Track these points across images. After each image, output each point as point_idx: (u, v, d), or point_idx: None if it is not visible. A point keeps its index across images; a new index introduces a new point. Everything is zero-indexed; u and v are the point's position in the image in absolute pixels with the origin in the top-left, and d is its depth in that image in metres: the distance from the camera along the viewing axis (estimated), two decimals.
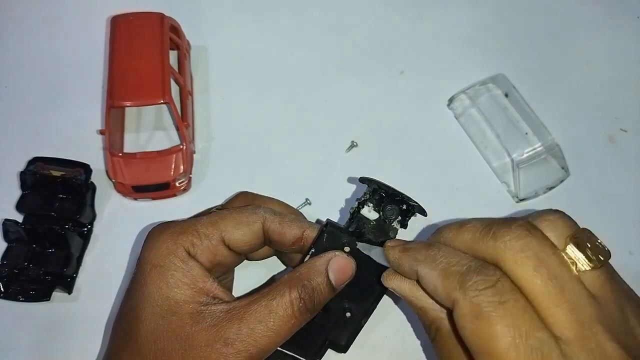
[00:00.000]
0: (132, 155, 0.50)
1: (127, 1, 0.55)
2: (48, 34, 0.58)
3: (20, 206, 0.48)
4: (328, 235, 0.37)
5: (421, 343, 0.46)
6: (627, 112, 0.57)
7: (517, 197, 0.52)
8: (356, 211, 0.38)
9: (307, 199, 0.51)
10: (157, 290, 0.34)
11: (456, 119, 0.56)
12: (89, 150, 0.51)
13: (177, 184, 0.49)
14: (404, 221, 0.38)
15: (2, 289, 0.45)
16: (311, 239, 0.38)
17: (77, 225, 0.48)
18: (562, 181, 0.52)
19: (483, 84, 0.55)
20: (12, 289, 0.45)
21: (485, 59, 0.58)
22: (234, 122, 0.54)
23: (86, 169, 0.49)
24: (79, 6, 0.60)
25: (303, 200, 0.51)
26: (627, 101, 0.57)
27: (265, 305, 0.33)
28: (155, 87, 0.48)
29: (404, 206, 0.38)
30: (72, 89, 0.55)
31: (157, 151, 0.50)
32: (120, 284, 0.47)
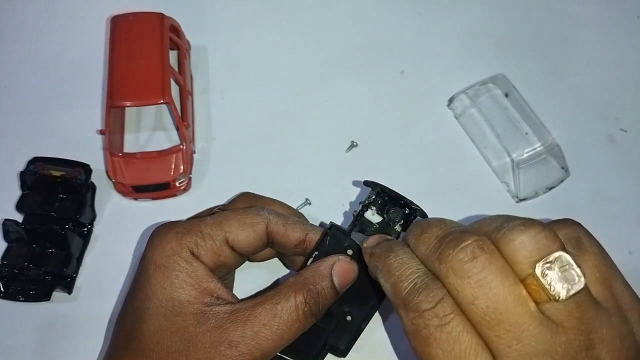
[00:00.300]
0: (132, 155, 0.50)
1: (127, 1, 0.55)
2: (48, 34, 0.58)
3: (20, 206, 0.47)
4: (331, 238, 0.37)
5: None
6: (627, 112, 0.57)
7: (517, 197, 0.52)
8: (360, 214, 0.38)
9: (307, 199, 0.51)
10: (161, 290, 0.34)
11: (456, 119, 0.56)
12: (89, 150, 0.51)
13: (177, 184, 0.49)
14: (406, 224, 0.38)
15: (2, 289, 0.45)
16: (314, 242, 0.38)
17: (77, 225, 0.48)
18: (562, 181, 0.52)
19: (483, 84, 0.55)
20: (12, 289, 0.45)
21: (485, 59, 0.58)
22: (234, 122, 0.54)
23: (86, 169, 0.49)
24: (79, 6, 0.59)
25: (303, 200, 0.51)
26: (627, 101, 0.57)
27: (270, 308, 0.33)
28: (155, 87, 0.48)
29: (407, 210, 0.38)
30: (72, 89, 0.55)
31: (157, 151, 0.50)
32: (120, 284, 0.47)
